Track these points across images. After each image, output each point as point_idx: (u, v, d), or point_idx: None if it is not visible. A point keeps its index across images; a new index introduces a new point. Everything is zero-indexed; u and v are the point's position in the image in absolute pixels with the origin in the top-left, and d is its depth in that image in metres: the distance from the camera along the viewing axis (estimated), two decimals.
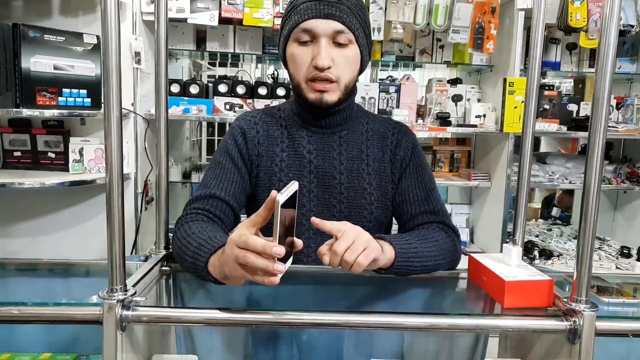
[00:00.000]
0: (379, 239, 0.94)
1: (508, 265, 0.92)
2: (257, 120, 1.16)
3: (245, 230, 0.73)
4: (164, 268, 1.02)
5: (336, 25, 1.02)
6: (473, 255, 1.00)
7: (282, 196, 0.66)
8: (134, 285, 0.82)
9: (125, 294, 0.76)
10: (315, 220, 0.84)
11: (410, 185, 1.14)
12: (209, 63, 3.42)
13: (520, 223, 1.02)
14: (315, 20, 1.02)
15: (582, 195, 0.76)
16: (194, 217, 1.03)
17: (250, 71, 3.54)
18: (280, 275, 0.71)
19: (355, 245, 0.82)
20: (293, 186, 0.72)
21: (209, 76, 3.56)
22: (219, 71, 3.62)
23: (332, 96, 1.06)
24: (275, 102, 2.17)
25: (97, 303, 0.76)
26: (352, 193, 1.11)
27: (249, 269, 0.72)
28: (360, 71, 1.12)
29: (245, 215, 1.19)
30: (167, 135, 1.07)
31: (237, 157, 1.12)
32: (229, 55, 2.55)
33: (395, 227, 1.22)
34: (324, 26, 1.02)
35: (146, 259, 1.02)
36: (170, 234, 1.06)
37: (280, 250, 0.68)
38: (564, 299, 0.80)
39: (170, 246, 1.05)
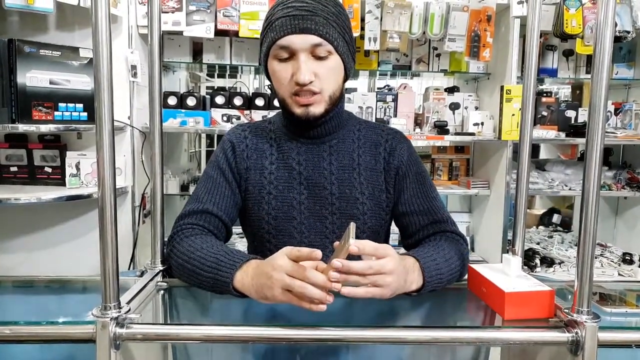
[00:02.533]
0: (413, 260, 0.93)
1: (508, 275, 0.91)
2: (246, 134, 1.15)
3: (287, 260, 0.80)
4: (160, 283, 1.01)
5: (313, 39, 0.99)
6: (472, 266, 0.98)
7: (352, 240, 0.76)
8: (128, 302, 0.81)
9: (119, 312, 0.75)
10: (358, 243, 0.79)
11: (414, 196, 1.12)
12: (207, 75, 3.42)
13: (520, 233, 1.01)
14: (291, 37, 0.99)
15: (581, 202, 0.75)
16: (191, 231, 1.03)
17: (249, 82, 3.54)
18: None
19: (382, 278, 0.81)
20: (353, 227, 0.78)
21: (207, 87, 3.56)
22: (218, 82, 3.61)
23: (317, 108, 1.04)
24: (273, 113, 2.16)
25: (90, 321, 0.74)
26: (344, 203, 1.09)
27: (299, 295, 0.78)
28: (346, 78, 1.09)
29: (241, 227, 1.18)
30: (162, 148, 1.06)
31: (228, 171, 1.11)
32: (227, 66, 2.55)
33: (394, 236, 1.21)
34: (301, 41, 0.99)
35: (142, 274, 1.01)
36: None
37: (340, 286, 0.77)
38: (565, 310, 0.78)
39: (168, 260, 1.04)
